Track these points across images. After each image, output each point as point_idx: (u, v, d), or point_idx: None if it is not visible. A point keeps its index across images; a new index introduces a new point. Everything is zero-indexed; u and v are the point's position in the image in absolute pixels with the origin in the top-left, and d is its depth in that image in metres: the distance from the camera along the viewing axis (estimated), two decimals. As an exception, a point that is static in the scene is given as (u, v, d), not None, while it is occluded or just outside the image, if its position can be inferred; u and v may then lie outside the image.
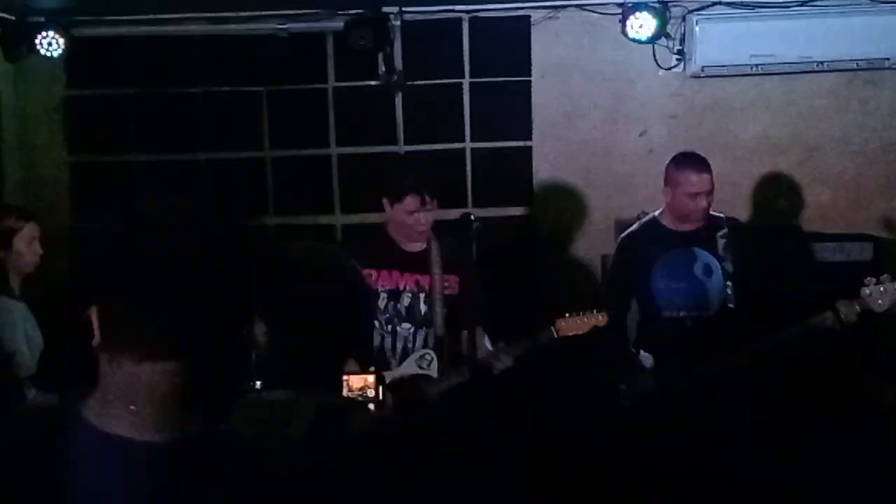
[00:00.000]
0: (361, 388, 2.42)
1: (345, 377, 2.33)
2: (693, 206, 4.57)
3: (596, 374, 5.24)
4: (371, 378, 2.47)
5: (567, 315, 4.41)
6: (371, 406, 2.42)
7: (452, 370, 4.38)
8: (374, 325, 4.27)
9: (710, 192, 4.56)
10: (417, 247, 4.53)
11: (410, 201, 4.37)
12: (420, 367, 4.45)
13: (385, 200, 4.46)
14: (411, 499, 1.75)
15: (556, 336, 4.40)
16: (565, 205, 6.29)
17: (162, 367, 1.38)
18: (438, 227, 4.58)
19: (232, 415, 1.50)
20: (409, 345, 4.50)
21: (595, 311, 4.43)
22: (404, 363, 4.46)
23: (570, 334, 4.40)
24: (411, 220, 4.40)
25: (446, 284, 4.53)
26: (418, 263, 4.52)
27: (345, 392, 2.34)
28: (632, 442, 4.26)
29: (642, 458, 4.10)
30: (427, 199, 4.39)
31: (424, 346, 4.50)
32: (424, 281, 4.51)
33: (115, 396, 1.40)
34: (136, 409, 1.38)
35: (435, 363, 4.46)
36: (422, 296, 4.52)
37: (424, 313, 4.51)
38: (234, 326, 1.42)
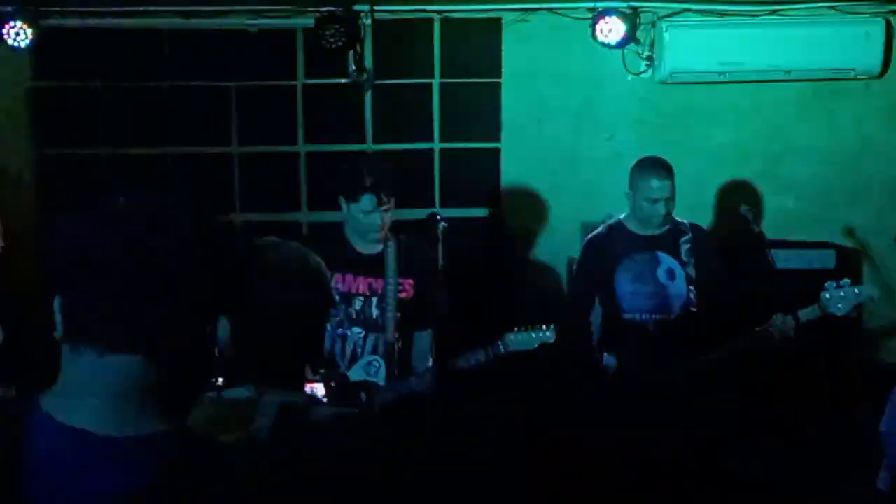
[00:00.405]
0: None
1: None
2: (651, 212, 4.63)
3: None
4: (320, 386, 2.47)
5: (516, 329, 4.33)
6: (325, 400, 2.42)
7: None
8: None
9: (669, 199, 4.63)
10: (373, 248, 4.40)
11: (367, 201, 4.25)
12: (367, 374, 4.34)
13: (342, 199, 4.34)
14: (377, 492, 1.75)
15: (502, 352, 4.32)
16: (532, 207, 6.31)
17: (124, 361, 1.37)
18: (399, 228, 4.50)
19: (193, 412, 1.49)
20: (359, 350, 4.36)
21: (544, 326, 4.33)
22: (352, 369, 4.35)
23: (519, 349, 4.32)
24: (367, 220, 4.28)
25: (401, 288, 4.40)
26: (372, 266, 4.38)
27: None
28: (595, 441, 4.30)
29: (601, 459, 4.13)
30: (384, 198, 4.26)
31: (374, 352, 4.37)
32: (378, 284, 4.38)
33: (76, 389, 1.39)
34: (97, 402, 1.38)
35: (383, 370, 4.33)
36: (374, 300, 4.38)
37: (376, 318, 4.38)
38: (199, 323, 1.42)
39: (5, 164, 6.18)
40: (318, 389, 2.85)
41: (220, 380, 2.10)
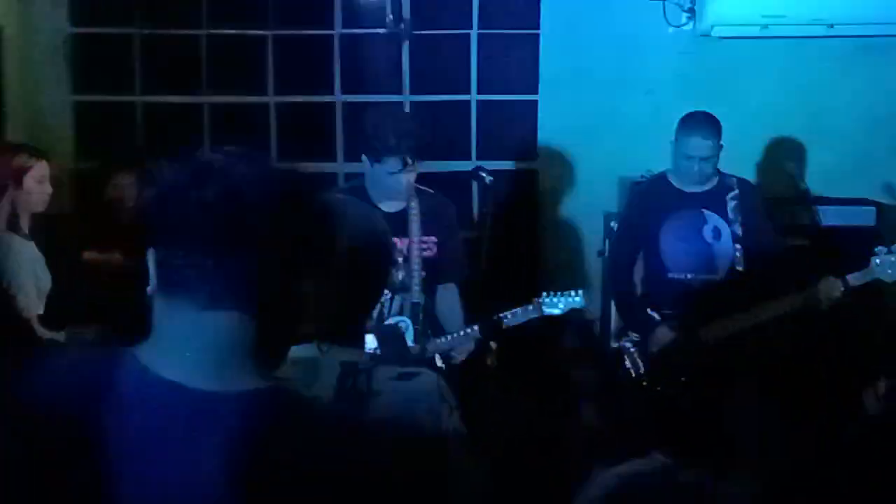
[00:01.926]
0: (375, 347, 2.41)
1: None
2: (686, 168, 4.55)
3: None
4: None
5: (550, 293, 4.28)
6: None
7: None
8: None
9: (705, 159, 4.51)
10: (395, 206, 4.21)
11: (392, 163, 4.07)
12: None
13: (364, 157, 4.17)
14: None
15: (537, 314, 4.26)
16: (569, 161, 6.27)
17: (221, 316, 1.37)
18: (424, 182, 4.36)
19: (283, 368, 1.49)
20: (385, 311, 4.23)
21: (574, 292, 4.28)
22: None
23: (551, 313, 4.26)
24: (391, 181, 4.11)
25: (424, 246, 4.29)
26: (396, 225, 4.07)
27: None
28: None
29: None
30: (408, 160, 4.08)
31: (400, 312, 4.27)
32: (402, 244, 4.21)
33: (172, 343, 1.39)
34: (194, 357, 1.38)
35: (410, 331, 4.24)
36: (399, 260, 4.24)
37: (402, 279, 4.25)
38: (293, 278, 1.41)
39: (44, 111, 6.17)
40: (370, 341, 2.83)
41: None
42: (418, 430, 1.66)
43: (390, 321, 4.21)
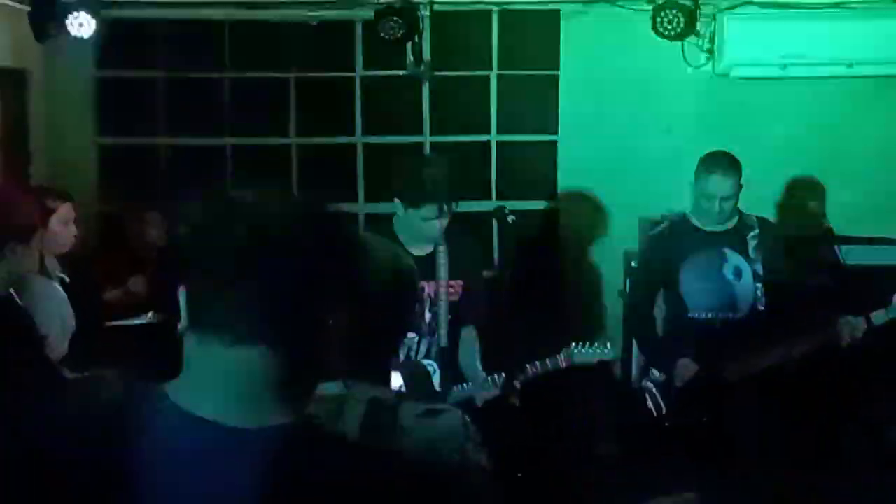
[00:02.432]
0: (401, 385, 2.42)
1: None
2: (707, 208, 4.55)
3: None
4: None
5: (580, 345, 4.25)
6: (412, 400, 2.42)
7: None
8: None
9: (726, 199, 4.50)
10: (425, 250, 4.15)
11: (428, 210, 4.03)
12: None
13: (399, 202, 4.11)
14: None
15: (564, 365, 4.24)
16: (589, 201, 6.29)
17: (252, 353, 1.38)
18: (455, 221, 4.29)
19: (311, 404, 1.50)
20: (412, 354, 4.19)
21: (607, 345, 4.28)
22: None
23: (580, 362, 4.26)
24: (426, 226, 4.07)
25: (451, 290, 4.26)
26: (424, 269, 3.92)
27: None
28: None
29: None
30: (444, 206, 4.05)
31: (427, 356, 4.23)
32: (430, 288, 4.19)
33: (204, 379, 1.40)
34: (224, 393, 1.39)
35: (437, 375, 4.21)
36: (427, 304, 4.20)
37: (429, 322, 4.23)
38: (322, 315, 1.42)
39: (68, 154, 6.24)
40: (396, 378, 2.82)
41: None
42: (444, 468, 1.66)
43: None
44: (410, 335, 4.17)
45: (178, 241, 1.47)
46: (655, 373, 4.62)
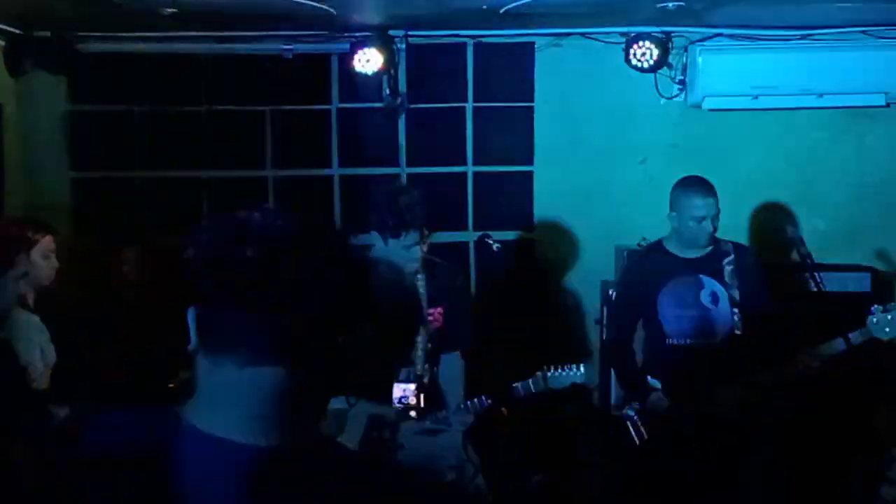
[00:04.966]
0: (402, 396, 2.43)
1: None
2: (698, 230, 4.59)
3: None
4: (412, 386, 2.48)
5: (554, 368, 4.34)
6: (413, 413, 2.43)
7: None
8: None
9: (715, 216, 4.59)
10: None
11: (410, 237, 4.13)
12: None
13: (377, 234, 4.17)
14: None
15: (541, 388, 4.32)
16: (566, 230, 6.34)
17: (265, 372, 1.39)
18: (433, 251, 4.43)
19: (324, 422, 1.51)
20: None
21: (580, 367, 4.36)
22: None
23: (555, 387, 4.34)
24: (408, 254, 4.11)
25: (431, 318, 4.30)
26: None
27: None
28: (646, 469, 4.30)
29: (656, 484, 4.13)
30: (425, 232, 4.19)
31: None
32: None
33: (218, 399, 1.41)
34: (239, 412, 1.40)
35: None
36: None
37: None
38: (334, 334, 1.44)
39: (42, 188, 6.22)
40: (409, 390, 2.79)
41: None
42: (450, 487, 1.67)
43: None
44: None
45: (187, 262, 1.45)
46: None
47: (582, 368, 4.37)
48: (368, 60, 5.87)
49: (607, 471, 5.11)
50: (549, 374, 4.34)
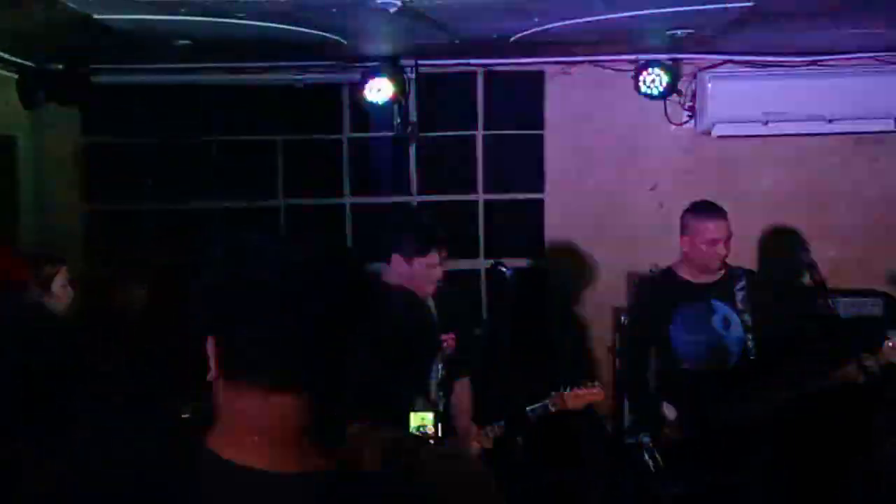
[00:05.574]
0: (420, 426, 2.43)
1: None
2: (711, 254, 4.58)
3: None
4: (430, 415, 2.48)
5: (564, 389, 4.41)
6: (431, 443, 2.43)
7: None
8: None
9: (727, 239, 4.58)
10: None
11: (434, 256, 4.18)
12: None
13: (398, 256, 4.19)
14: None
15: (552, 410, 4.40)
16: (577, 257, 6.34)
17: (287, 399, 1.39)
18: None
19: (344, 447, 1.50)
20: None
21: (596, 385, 4.45)
22: None
23: (568, 408, 4.42)
24: (431, 273, 4.18)
25: (445, 344, 4.26)
26: None
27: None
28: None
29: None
30: (446, 251, 4.26)
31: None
32: None
33: (239, 427, 1.41)
34: (261, 439, 1.39)
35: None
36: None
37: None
38: (351, 360, 1.44)
39: (55, 220, 6.24)
40: (428, 419, 2.80)
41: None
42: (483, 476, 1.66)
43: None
44: None
45: (201, 291, 1.44)
46: None
47: (597, 386, 4.46)
48: (379, 90, 5.90)
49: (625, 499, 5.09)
50: (564, 394, 4.41)
